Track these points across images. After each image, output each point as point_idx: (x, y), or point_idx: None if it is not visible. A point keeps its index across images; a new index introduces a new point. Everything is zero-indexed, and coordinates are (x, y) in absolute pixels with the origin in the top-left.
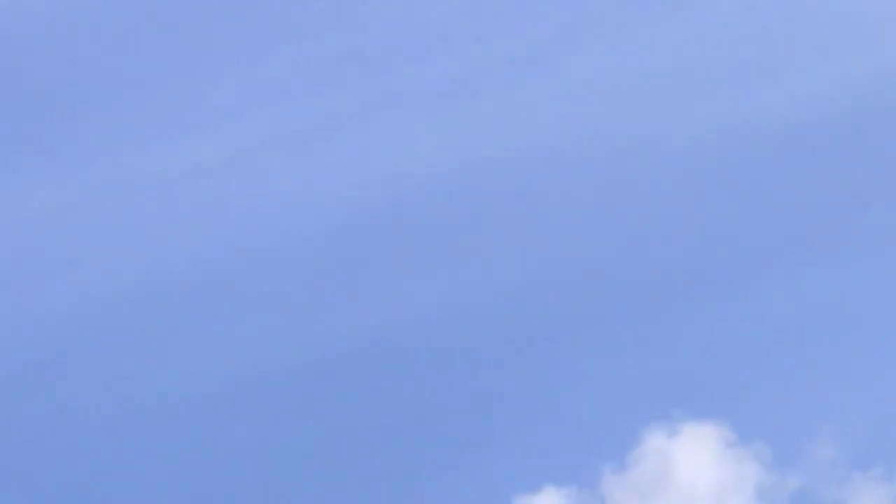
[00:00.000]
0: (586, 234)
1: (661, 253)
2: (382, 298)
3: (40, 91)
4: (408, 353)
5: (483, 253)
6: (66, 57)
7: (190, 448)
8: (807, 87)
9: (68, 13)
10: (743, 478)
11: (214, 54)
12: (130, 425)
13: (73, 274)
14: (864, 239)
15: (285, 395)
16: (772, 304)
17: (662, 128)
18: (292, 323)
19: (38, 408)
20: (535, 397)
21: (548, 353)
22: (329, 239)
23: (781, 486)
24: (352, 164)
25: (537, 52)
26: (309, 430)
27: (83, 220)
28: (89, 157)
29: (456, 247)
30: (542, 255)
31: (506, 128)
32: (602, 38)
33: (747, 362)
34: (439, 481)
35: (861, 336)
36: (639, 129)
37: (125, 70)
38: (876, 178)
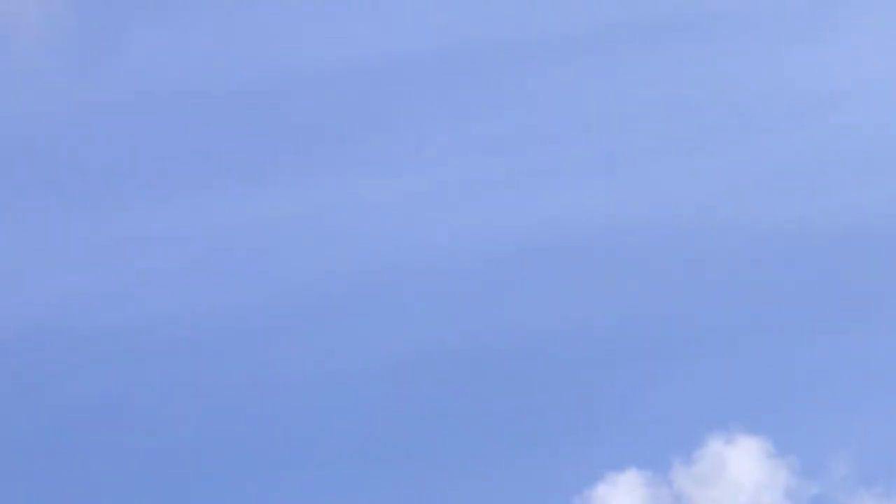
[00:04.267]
0: (682, 283)
1: (738, 305)
2: (523, 314)
3: (300, 126)
4: (531, 359)
5: (602, 288)
6: (324, 104)
7: (370, 410)
8: (868, 196)
9: (325, 75)
10: (776, 481)
11: (429, 117)
12: (325, 389)
13: (298, 267)
14: (888, 315)
15: (445, 376)
16: (814, 352)
17: (754, 212)
18: (457, 322)
19: (258, 370)
20: (628, 401)
21: (643, 368)
22: (493, 263)
23: (804, 492)
24: (515, 211)
25: (662, 142)
26: (463, 403)
27: (312, 226)
28: (324, 180)
29: (583, 281)
30: (647, 293)
31: (636, 197)
32: (717, 137)
33: (790, 394)
34: (551, 455)
35: (877, 383)
36: (735, 211)
37: (366, 118)
38: None
